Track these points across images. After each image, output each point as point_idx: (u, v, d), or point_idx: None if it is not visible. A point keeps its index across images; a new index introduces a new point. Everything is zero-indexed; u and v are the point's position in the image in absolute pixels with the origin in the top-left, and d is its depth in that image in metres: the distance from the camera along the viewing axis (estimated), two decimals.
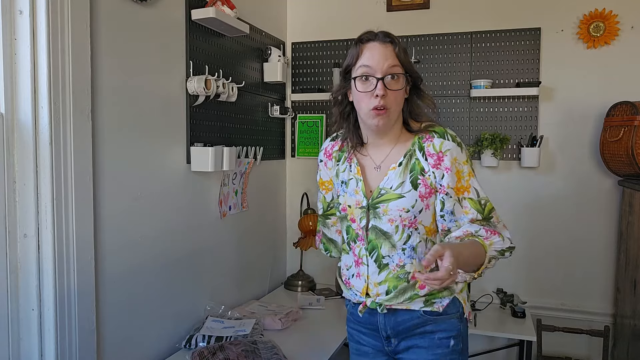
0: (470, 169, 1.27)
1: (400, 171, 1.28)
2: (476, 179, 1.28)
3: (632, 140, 1.99)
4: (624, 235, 2.17)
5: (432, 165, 1.25)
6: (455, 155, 1.24)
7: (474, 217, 1.25)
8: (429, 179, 1.26)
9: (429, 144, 1.26)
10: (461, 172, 1.25)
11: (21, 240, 1.31)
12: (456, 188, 1.25)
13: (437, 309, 1.30)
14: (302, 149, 2.71)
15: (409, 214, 1.26)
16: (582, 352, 2.38)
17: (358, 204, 1.32)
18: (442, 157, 1.24)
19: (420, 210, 1.27)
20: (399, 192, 1.27)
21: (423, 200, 1.26)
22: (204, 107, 1.95)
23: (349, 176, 1.36)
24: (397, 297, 1.30)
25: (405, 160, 1.28)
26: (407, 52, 1.30)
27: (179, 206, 1.84)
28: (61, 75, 1.31)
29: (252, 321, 1.92)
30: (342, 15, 2.62)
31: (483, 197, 1.27)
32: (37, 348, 1.34)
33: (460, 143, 1.27)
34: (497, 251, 1.23)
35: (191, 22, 1.86)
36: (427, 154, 1.26)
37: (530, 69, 2.35)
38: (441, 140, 1.25)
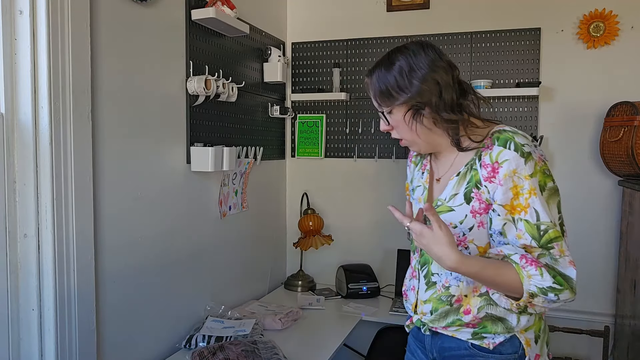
0: (534, 186, 1.05)
1: (457, 182, 1.16)
2: (542, 199, 1.06)
3: (632, 140, 1.99)
4: (624, 235, 2.17)
5: (485, 178, 1.10)
6: (514, 167, 1.06)
7: (526, 244, 1.06)
8: (483, 193, 1.10)
9: (487, 152, 1.10)
10: (519, 188, 1.06)
11: (21, 240, 1.31)
12: (510, 206, 1.07)
13: (486, 345, 1.16)
14: (302, 149, 2.71)
15: (457, 230, 1.14)
16: (582, 352, 2.38)
17: None
18: (497, 169, 1.07)
19: (471, 227, 1.13)
20: (450, 204, 1.15)
21: (475, 217, 1.12)
22: (204, 107, 1.95)
23: (419, 183, 1.30)
24: (439, 320, 1.21)
25: (465, 170, 1.15)
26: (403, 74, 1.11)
27: (179, 206, 1.84)
28: (61, 75, 1.31)
29: (252, 321, 1.92)
30: (342, 15, 2.62)
31: (545, 222, 1.05)
32: (37, 348, 1.34)
33: (527, 154, 1.06)
34: (538, 288, 1.03)
35: (191, 22, 1.86)
36: (482, 165, 1.11)
37: (530, 69, 2.35)
38: (500, 149, 1.08)
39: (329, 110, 2.66)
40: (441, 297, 1.19)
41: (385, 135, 2.55)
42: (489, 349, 1.16)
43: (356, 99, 2.60)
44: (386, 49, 2.50)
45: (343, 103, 2.62)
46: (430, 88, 1.10)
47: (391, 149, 2.56)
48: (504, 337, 1.15)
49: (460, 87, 1.16)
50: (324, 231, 2.62)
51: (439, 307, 1.20)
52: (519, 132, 1.12)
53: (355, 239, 2.66)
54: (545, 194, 1.07)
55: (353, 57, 2.60)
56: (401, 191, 2.54)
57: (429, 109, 1.12)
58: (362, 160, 2.62)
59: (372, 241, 2.62)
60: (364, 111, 2.60)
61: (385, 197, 2.58)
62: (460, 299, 1.17)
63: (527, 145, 1.08)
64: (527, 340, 1.16)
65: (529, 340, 1.16)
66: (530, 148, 1.08)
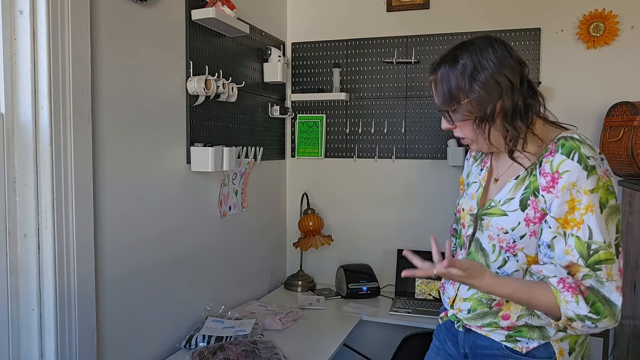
0: (593, 202, 1.00)
1: (514, 185, 1.11)
2: (601, 217, 1.00)
3: (632, 141, 1.99)
4: (624, 235, 2.17)
5: (543, 188, 1.05)
6: (574, 180, 1.01)
7: (573, 261, 1.01)
8: (540, 202, 1.06)
9: (548, 159, 1.05)
10: (577, 202, 1.01)
11: (21, 240, 1.31)
12: (564, 219, 1.02)
13: (519, 349, 1.14)
14: (302, 149, 2.71)
15: (508, 236, 1.10)
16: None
17: (471, 209, 1.23)
18: (557, 180, 1.02)
19: (523, 235, 1.09)
20: (504, 208, 1.11)
21: (529, 225, 1.08)
22: (204, 107, 1.95)
23: (475, 179, 1.27)
24: (475, 319, 1.19)
25: (525, 174, 1.11)
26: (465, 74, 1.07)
27: (179, 206, 1.84)
28: (61, 75, 1.31)
29: (252, 321, 1.92)
30: (342, 15, 2.62)
31: (598, 241, 1.00)
32: (37, 348, 1.34)
33: (591, 167, 1.00)
34: (575, 314, 1.00)
35: (191, 22, 1.86)
36: (542, 172, 1.06)
37: (530, 69, 2.33)
38: (562, 158, 1.03)
39: (329, 110, 2.66)
40: (482, 298, 1.17)
41: (385, 135, 2.55)
42: (521, 352, 1.14)
43: (356, 99, 2.60)
44: (386, 49, 2.53)
45: (343, 103, 2.62)
46: (492, 93, 1.06)
47: (391, 149, 2.56)
48: (539, 342, 1.13)
49: (530, 85, 1.11)
50: (324, 231, 2.62)
51: (478, 308, 1.18)
52: (587, 141, 1.06)
53: (355, 239, 2.66)
54: (606, 212, 1.02)
55: (353, 57, 2.60)
56: (401, 190, 2.55)
57: (491, 113, 1.08)
58: (362, 160, 2.62)
59: (372, 241, 2.62)
60: (364, 111, 2.60)
61: (385, 197, 2.58)
62: (501, 304, 1.15)
63: (593, 158, 1.02)
64: (560, 350, 1.13)
65: (562, 350, 1.13)
66: (595, 161, 1.02)
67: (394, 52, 2.52)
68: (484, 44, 1.08)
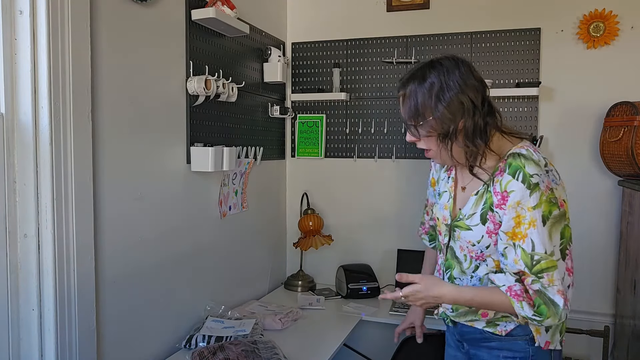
0: (535, 218, 1.12)
1: (476, 201, 1.24)
2: (543, 229, 1.12)
3: (632, 141, 1.99)
4: (624, 235, 2.17)
5: (496, 205, 1.18)
6: (518, 199, 1.13)
7: (521, 269, 1.14)
8: (496, 216, 1.19)
9: (498, 179, 1.17)
10: (522, 218, 1.13)
11: (21, 240, 1.31)
12: (512, 233, 1.15)
13: (499, 332, 1.28)
14: (302, 149, 2.71)
15: (475, 247, 1.24)
16: (582, 352, 2.37)
17: (444, 219, 1.34)
18: (506, 198, 1.15)
19: (488, 246, 1.22)
20: (468, 223, 1.25)
21: (491, 237, 1.21)
22: (204, 107, 1.95)
23: (445, 188, 1.37)
24: (459, 316, 1.35)
25: (482, 190, 1.23)
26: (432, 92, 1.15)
27: (179, 206, 1.84)
28: (61, 75, 1.31)
29: (252, 321, 1.92)
30: (342, 15, 2.62)
31: (539, 252, 1.12)
32: (37, 348, 1.34)
33: (534, 185, 1.12)
34: (521, 316, 1.16)
35: (191, 22, 1.86)
36: (494, 192, 1.18)
37: (530, 69, 2.35)
38: (509, 179, 1.14)
39: (329, 110, 2.66)
40: None
41: (385, 135, 2.55)
42: (501, 335, 1.28)
43: (356, 99, 2.60)
44: (386, 49, 2.53)
45: (343, 103, 2.62)
46: (455, 113, 1.15)
47: (391, 149, 2.56)
48: (515, 324, 1.26)
49: (489, 105, 1.21)
50: (324, 231, 2.62)
51: (460, 308, 1.32)
52: (533, 157, 1.15)
53: (355, 239, 2.66)
54: (549, 222, 1.13)
55: (353, 57, 2.60)
56: (401, 190, 2.55)
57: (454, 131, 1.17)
58: (362, 160, 2.62)
59: (372, 241, 2.62)
60: (364, 111, 2.60)
61: (385, 197, 2.58)
62: None
63: (537, 175, 1.12)
64: (537, 329, 1.26)
65: (538, 329, 1.26)
66: (539, 178, 1.12)
67: (394, 52, 2.52)
68: (451, 64, 1.17)
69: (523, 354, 1.26)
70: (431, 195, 1.55)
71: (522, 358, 1.26)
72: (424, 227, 1.67)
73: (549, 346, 1.27)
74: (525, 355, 1.26)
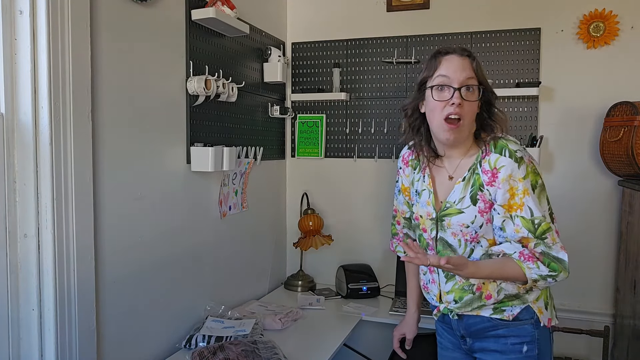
0: (527, 187, 1.24)
1: (463, 186, 1.31)
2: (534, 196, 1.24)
3: (632, 140, 1.99)
4: (624, 235, 2.17)
5: (487, 183, 1.27)
6: (510, 172, 1.24)
7: (524, 236, 1.25)
8: (486, 195, 1.27)
9: (486, 159, 1.27)
10: (515, 189, 1.24)
11: (21, 240, 1.31)
12: (508, 205, 1.25)
13: (506, 317, 1.33)
14: (302, 149, 2.71)
15: (469, 229, 1.29)
16: (582, 352, 2.38)
17: (429, 215, 1.37)
18: (497, 174, 1.25)
19: (481, 225, 1.29)
20: (459, 207, 1.30)
21: (483, 215, 1.28)
22: (204, 107, 1.95)
23: (422, 187, 1.41)
24: (465, 307, 1.37)
25: (469, 175, 1.30)
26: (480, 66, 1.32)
27: (179, 206, 1.84)
28: (61, 75, 1.31)
29: (252, 321, 1.92)
30: (342, 15, 2.62)
31: (538, 216, 1.24)
32: (37, 348, 1.34)
33: (519, 159, 1.25)
34: (539, 275, 1.24)
35: (191, 22, 1.86)
36: (483, 171, 1.28)
37: (530, 69, 2.35)
38: (497, 157, 1.26)
39: (329, 110, 2.66)
40: (463, 287, 1.35)
41: (385, 135, 2.56)
42: (509, 320, 1.33)
43: (356, 99, 2.60)
44: (386, 49, 2.53)
45: (343, 103, 2.62)
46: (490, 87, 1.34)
47: (391, 149, 2.56)
48: (520, 307, 1.32)
49: None
50: (324, 231, 2.62)
51: (463, 296, 1.35)
52: (510, 138, 1.30)
53: (355, 239, 2.66)
54: (537, 191, 1.25)
55: (353, 57, 2.60)
56: None
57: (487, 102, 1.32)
58: (362, 160, 2.62)
59: (372, 241, 2.62)
60: (364, 111, 2.60)
61: (385, 197, 2.58)
62: (480, 287, 1.33)
63: (519, 151, 1.26)
64: (539, 309, 1.34)
65: (540, 308, 1.34)
66: (521, 153, 1.26)
67: (394, 52, 2.52)
68: None
69: (530, 338, 1.31)
70: (401, 203, 1.58)
71: (529, 342, 1.31)
72: (397, 238, 1.67)
73: (550, 323, 1.36)
74: (532, 339, 1.32)
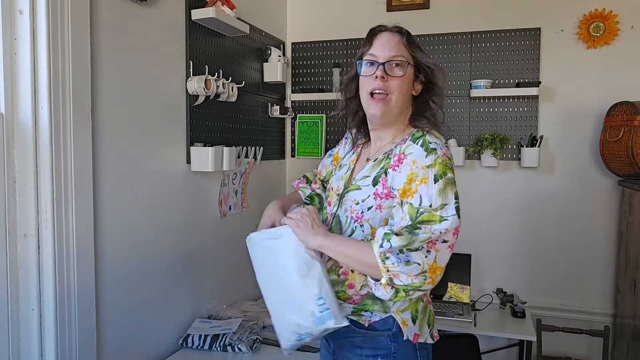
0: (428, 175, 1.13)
1: (372, 166, 1.26)
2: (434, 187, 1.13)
3: (632, 140, 1.99)
4: (624, 235, 2.17)
5: (391, 166, 1.19)
6: (414, 158, 1.16)
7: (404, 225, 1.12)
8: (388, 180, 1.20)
9: (399, 147, 1.21)
10: (414, 175, 1.14)
11: (21, 240, 1.31)
12: (402, 189, 1.15)
13: (362, 322, 1.23)
14: (302, 149, 2.71)
15: (358, 207, 1.22)
16: (582, 352, 2.38)
17: (338, 189, 1.33)
18: (402, 160, 1.18)
19: (370, 207, 1.21)
20: (359, 183, 1.25)
21: (376, 199, 1.20)
22: (204, 107, 1.95)
23: (346, 162, 1.39)
24: None
25: (382, 158, 1.25)
26: (422, 48, 1.27)
27: (179, 206, 1.84)
28: (61, 75, 1.31)
29: (239, 320, 1.91)
30: (342, 15, 2.62)
31: (425, 206, 1.11)
32: (37, 348, 1.33)
33: (432, 149, 1.16)
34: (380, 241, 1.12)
35: (191, 22, 1.86)
36: (393, 154, 1.22)
37: (530, 69, 2.35)
38: (409, 144, 1.19)
39: (329, 110, 2.66)
40: (332, 266, 1.25)
41: None
42: (364, 325, 1.23)
43: None
44: None
45: None
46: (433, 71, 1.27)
47: None
48: (380, 316, 1.23)
49: None
50: None
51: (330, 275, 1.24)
52: (434, 133, 1.23)
53: None
54: (442, 181, 1.14)
55: (353, 57, 2.59)
56: None
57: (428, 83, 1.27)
58: None
59: None
60: None
61: None
62: (347, 273, 1.24)
63: (434, 143, 1.18)
64: (403, 321, 1.23)
65: (405, 320, 1.23)
66: (436, 145, 1.18)
67: None
68: None
69: (385, 351, 1.22)
70: (322, 165, 1.54)
71: (384, 356, 1.22)
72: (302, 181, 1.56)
73: (418, 339, 1.24)
74: (387, 352, 1.22)
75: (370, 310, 1.23)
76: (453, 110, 2.46)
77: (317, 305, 1.16)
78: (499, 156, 2.37)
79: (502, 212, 2.44)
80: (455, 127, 2.45)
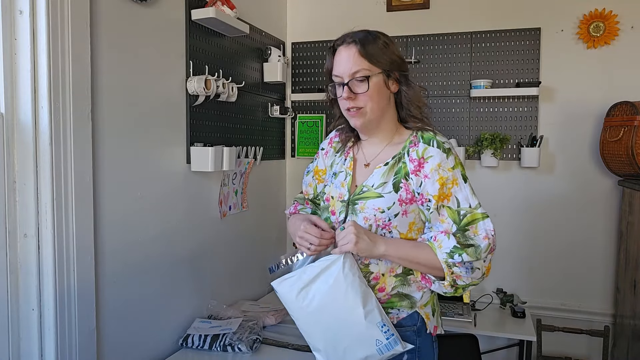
0: (456, 177, 1.21)
1: (386, 171, 1.26)
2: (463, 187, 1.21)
3: (632, 140, 1.99)
4: (624, 235, 2.17)
5: (412, 172, 1.23)
6: (439, 162, 1.21)
7: (448, 228, 1.19)
8: (410, 185, 1.23)
9: (414, 149, 1.24)
10: (444, 179, 1.20)
11: (21, 240, 1.31)
12: (438, 195, 1.20)
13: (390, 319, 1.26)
14: (302, 149, 2.71)
15: (384, 215, 1.24)
16: (582, 352, 2.38)
17: (341, 197, 1.33)
18: (423, 164, 1.22)
19: (397, 214, 1.24)
20: (379, 191, 1.25)
21: (402, 205, 1.23)
22: (204, 107, 1.95)
23: (341, 169, 1.38)
24: None
25: (393, 162, 1.27)
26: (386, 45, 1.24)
27: (179, 206, 1.84)
28: (61, 75, 1.31)
29: (239, 320, 1.91)
30: (342, 15, 2.62)
31: (464, 207, 1.19)
32: (37, 348, 1.34)
33: (447, 149, 1.22)
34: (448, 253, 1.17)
35: (191, 22, 1.86)
36: (410, 159, 1.24)
37: (530, 69, 2.35)
38: (425, 147, 1.23)
39: (329, 110, 2.66)
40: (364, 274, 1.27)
41: None
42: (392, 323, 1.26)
43: None
44: None
45: None
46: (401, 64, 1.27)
47: None
48: (407, 312, 1.27)
49: None
50: None
51: None
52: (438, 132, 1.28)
53: None
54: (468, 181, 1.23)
55: None
56: None
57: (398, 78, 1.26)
58: None
59: None
60: None
61: None
62: (378, 277, 1.26)
63: (447, 143, 1.24)
64: (426, 315, 1.29)
65: (428, 314, 1.30)
66: (449, 145, 1.24)
67: None
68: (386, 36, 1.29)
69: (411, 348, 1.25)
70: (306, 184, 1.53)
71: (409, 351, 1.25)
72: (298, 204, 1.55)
73: (436, 331, 1.31)
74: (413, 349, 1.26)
75: (398, 307, 1.27)
76: (453, 110, 2.45)
77: (382, 332, 1.19)
78: (499, 156, 2.37)
79: (502, 212, 2.43)
80: (455, 127, 2.45)
